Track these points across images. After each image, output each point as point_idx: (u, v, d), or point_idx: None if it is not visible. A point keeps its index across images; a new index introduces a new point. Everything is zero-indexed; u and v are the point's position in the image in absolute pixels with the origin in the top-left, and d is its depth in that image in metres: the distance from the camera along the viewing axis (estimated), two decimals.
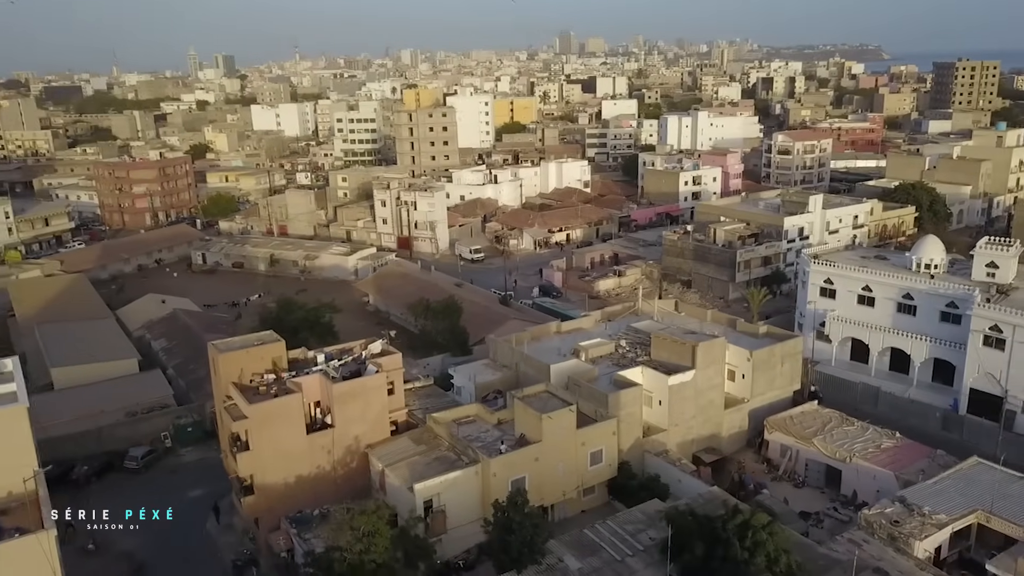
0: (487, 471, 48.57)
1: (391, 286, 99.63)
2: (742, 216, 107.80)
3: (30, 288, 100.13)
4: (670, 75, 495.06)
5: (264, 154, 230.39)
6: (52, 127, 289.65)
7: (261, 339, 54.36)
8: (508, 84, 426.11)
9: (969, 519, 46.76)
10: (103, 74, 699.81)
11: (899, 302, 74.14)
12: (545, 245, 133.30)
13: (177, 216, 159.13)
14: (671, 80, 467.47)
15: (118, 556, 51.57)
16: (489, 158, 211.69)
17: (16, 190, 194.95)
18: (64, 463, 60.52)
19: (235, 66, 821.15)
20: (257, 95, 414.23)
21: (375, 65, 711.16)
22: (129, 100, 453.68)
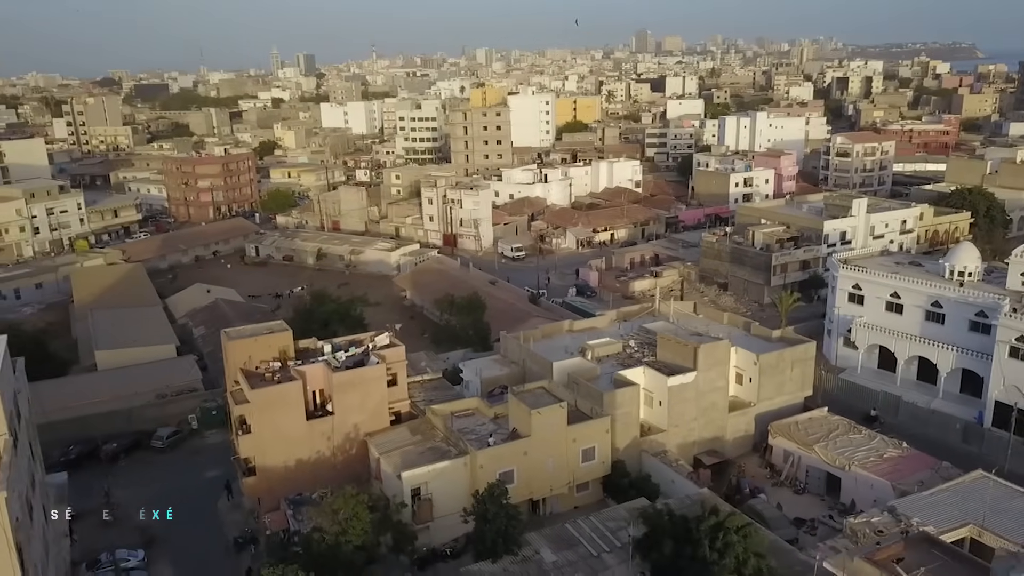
0: (475, 463, 49.86)
1: (426, 282, 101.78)
2: (782, 219, 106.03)
3: (90, 276, 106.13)
4: (742, 75, 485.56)
5: (328, 151, 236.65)
6: (135, 123, 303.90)
7: (270, 328, 56.90)
8: (575, 83, 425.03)
9: (960, 532, 45.55)
10: (191, 72, 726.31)
11: (928, 310, 72.17)
12: (588, 245, 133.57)
13: (239, 210, 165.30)
14: (743, 80, 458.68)
15: (133, 528, 54.77)
16: (547, 157, 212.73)
17: (96, 183, 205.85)
18: (95, 440, 64.53)
19: (315, 65, 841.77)
20: (329, 93, 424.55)
21: (447, 64, 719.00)
22: (210, 97, 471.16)
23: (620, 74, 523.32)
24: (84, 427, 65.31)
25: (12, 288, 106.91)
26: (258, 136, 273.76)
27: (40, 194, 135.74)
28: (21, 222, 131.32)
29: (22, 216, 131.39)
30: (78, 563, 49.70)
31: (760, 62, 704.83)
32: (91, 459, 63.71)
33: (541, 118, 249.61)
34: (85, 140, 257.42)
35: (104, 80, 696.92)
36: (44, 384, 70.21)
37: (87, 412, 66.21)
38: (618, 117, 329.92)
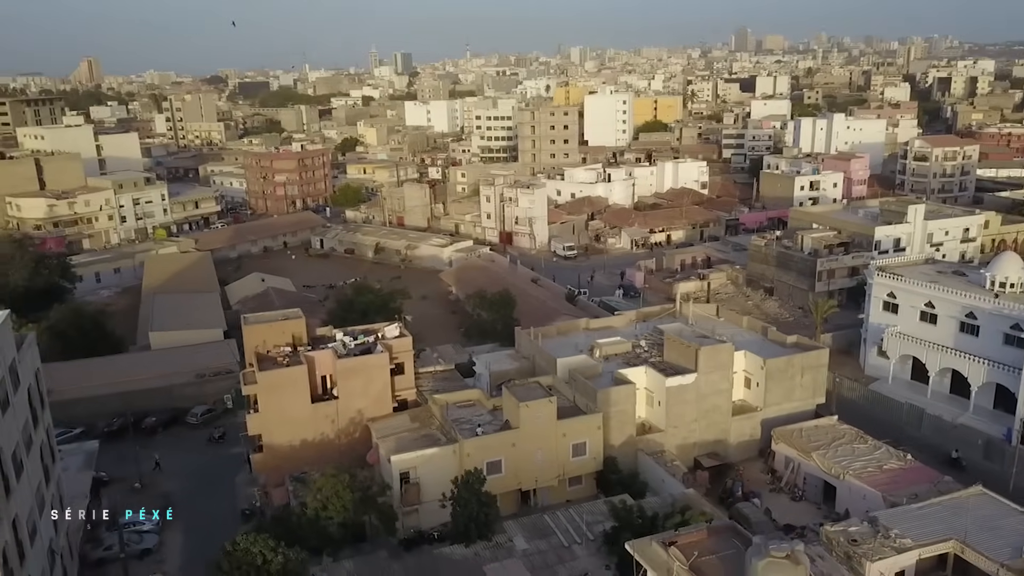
0: (462, 451, 51.76)
1: (469, 278, 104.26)
2: (834, 224, 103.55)
3: (161, 262, 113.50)
4: (839, 74, 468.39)
5: (407, 148, 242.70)
6: (231, 120, 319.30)
7: (286, 315, 60.36)
8: (661, 82, 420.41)
9: (942, 547, 44.58)
10: (295, 71, 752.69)
11: (962, 321, 69.70)
12: (642, 245, 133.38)
13: (312, 204, 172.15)
14: (838, 80, 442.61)
15: (157, 495, 59.25)
16: (621, 156, 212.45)
17: (189, 175, 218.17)
18: (138, 414, 69.73)
19: (412, 63, 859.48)
20: (417, 92, 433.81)
21: (536, 63, 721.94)
22: (307, 95, 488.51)
23: (710, 73, 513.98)
24: (129, 402, 70.42)
25: (93, 272, 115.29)
26: (343, 133, 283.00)
27: (128, 185, 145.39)
28: (109, 211, 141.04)
29: (110, 206, 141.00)
30: (100, 523, 54.21)
31: (863, 61, 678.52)
32: (132, 431, 68.79)
33: (617, 117, 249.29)
34: (182, 135, 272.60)
35: (212, 78, 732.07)
36: (97, 361, 76.64)
37: (133, 388, 71.48)
38: (701, 117, 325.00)
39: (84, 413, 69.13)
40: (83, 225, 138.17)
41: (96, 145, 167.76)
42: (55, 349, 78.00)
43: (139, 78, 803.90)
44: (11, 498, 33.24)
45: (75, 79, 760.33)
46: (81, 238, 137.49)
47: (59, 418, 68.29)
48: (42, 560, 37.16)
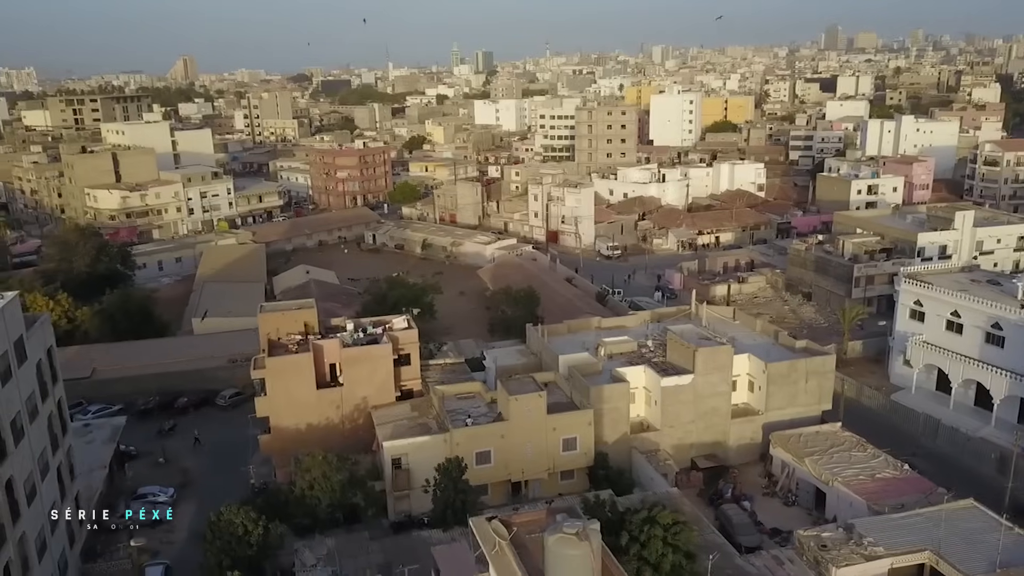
0: (452, 440, 53.66)
1: (504, 274, 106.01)
2: (878, 229, 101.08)
3: (217, 253, 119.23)
4: (927, 74, 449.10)
5: (471, 147, 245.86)
6: (309, 117, 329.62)
7: (300, 305, 63.44)
8: (737, 82, 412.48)
9: (918, 557, 44.13)
10: (379, 68, 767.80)
11: (988, 331, 67.64)
12: (689, 246, 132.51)
13: (372, 200, 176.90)
14: (925, 80, 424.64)
15: (178, 470, 63.27)
16: (686, 156, 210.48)
17: (262, 171, 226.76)
18: (172, 394, 74.27)
19: (492, 62, 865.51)
20: (491, 91, 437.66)
21: (613, 62, 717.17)
22: (385, 93, 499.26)
23: (791, 72, 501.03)
24: (165, 383, 75.27)
25: (156, 261, 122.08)
26: (413, 131, 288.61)
27: (196, 179, 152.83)
28: (178, 203, 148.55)
29: (179, 198, 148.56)
30: (121, 494, 58.41)
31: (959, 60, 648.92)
32: (166, 410, 73.41)
33: (684, 117, 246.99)
34: (258, 131, 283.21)
35: (298, 76, 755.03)
36: (139, 343, 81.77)
37: (169, 370, 76.17)
38: (775, 118, 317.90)
39: (124, 391, 73.98)
40: (153, 216, 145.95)
41: (172, 140, 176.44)
42: (105, 331, 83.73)
43: (231, 76, 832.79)
44: (6, 461, 36.83)
45: (171, 77, 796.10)
46: (151, 228, 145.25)
47: (101, 395, 74.07)
48: (40, 519, 40.81)
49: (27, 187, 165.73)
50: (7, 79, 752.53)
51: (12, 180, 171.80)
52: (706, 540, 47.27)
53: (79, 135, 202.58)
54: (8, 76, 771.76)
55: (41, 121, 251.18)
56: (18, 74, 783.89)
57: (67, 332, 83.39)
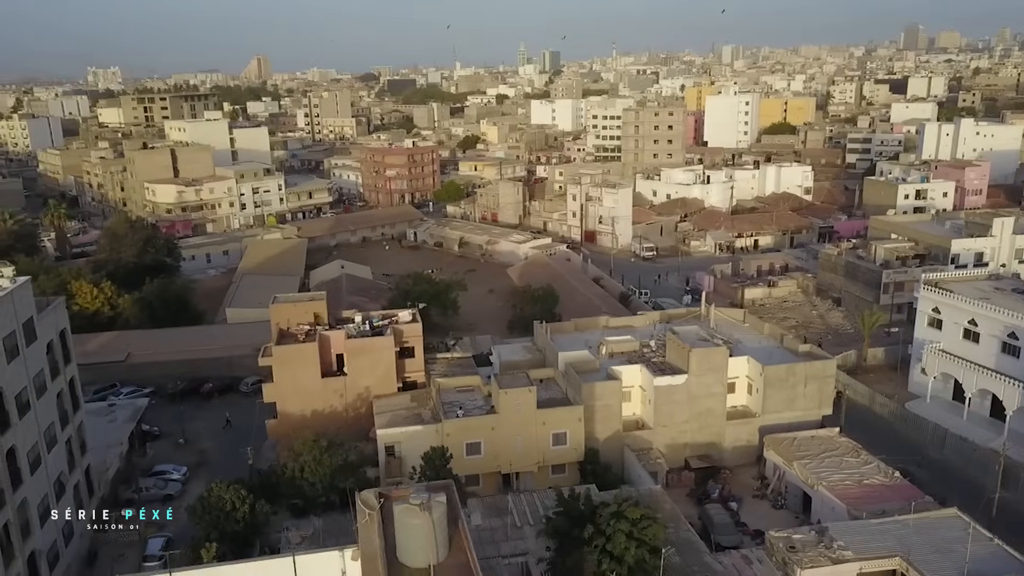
0: (443, 430, 55.48)
1: (531, 273, 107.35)
2: (913, 235, 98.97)
3: (261, 247, 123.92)
4: (1006, 75, 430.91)
5: (524, 147, 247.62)
6: (369, 116, 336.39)
7: (312, 297, 66.20)
8: (802, 83, 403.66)
9: (888, 563, 44.04)
10: (446, 68, 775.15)
11: (1004, 341, 66.08)
12: (727, 249, 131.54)
13: (420, 198, 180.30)
14: (1004, 81, 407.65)
15: (196, 451, 66.78)
16: (739, 158, 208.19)
17: (319, 168, 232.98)
18: (199, 379, 78.09)
19: (559, 62, 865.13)
20: (551, 91, 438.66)
21: (678, 62, 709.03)
22: (448, 93, 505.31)
23: (862, 73, 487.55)
24: (194, 369, 79.14)
25: (204, 253, 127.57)
26: (469, 130, 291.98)
27: (248, 175, 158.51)
28: (231, 198, 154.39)
29: (232, 193, 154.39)
30: (139, 470, 62.06)
31: None
32: (192, 394, 77.23)
33: (739, 119, 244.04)
34: (318, 130, 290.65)
35: (365, 75, 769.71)
36: (173, 331, 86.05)
37: (198, 356, 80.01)
38: (838, 120, 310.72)
39: (156, 375, 78.17)
40: (207, 210, 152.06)
41: (230, 138, 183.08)
42: (143, 319, 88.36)
43: (302, 75, 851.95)
44: (8, 432, 40.18)
45: (245, 76, 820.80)
46: (205, 222, 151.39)
47: (134, 378, 78.41)
48: (44, 487, 44.18)
49: (94, 181, 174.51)
50: (94, 78, 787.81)
51: (82, 174, 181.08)
52: (680, 537, 48.02)
53: (147, 132, 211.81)
54: (95, 75, 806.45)
55: (115, 118, 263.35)
56: (104, 73, 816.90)
57: (109, 318, 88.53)
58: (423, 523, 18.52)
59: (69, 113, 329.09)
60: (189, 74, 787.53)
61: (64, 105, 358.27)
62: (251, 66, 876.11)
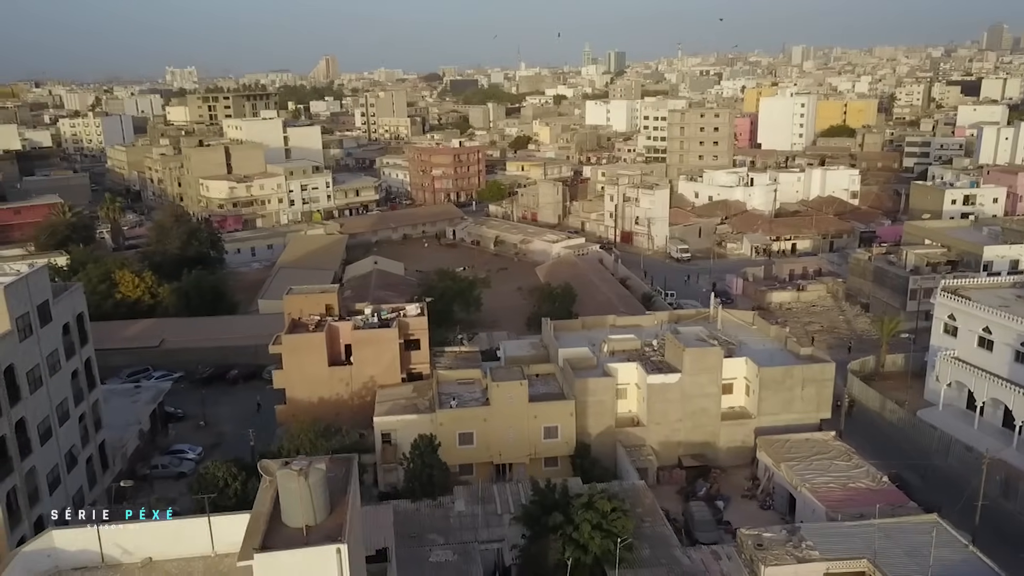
0: (436, 420, 57.49)
1: (558, 272, 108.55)
2: (947, 241, 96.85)
3: (301, 241, 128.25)
4: None
5: (574, 147, 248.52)
6: (423, 116, 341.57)
7: (324, 289, 68.98)
8: (867, 85, 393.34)
9: (854, 565, 44.19)
10: (511, 68, 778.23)
11: (1018, 350, 64.67)
12: (764, 252, 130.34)
13: (465, 197, 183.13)
14: None
15: (214, 432, 70.35)
16: (792, 161, 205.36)
17: (373, 166, 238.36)
18: (226, 366, 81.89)
19: (625, 62, 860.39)
20: (610, 91, 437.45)
21: (743, 63, 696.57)
22: (510, 93, 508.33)
23: (935, 74, 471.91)
24: (223, 356, 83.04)
25: (250, 247, 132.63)
26: (523, 130, 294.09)
27: (297, 173, 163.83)
28: (280, 195, 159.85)
29: (281, 190, 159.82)
30: (158, 448, 65.84)
31: None
32: (219, 379, 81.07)
33: (794, 121, 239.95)
34: (374, 129, 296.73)
35: (430, 76, 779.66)
36: (206, 319, 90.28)
37: (227, 344, 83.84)
38: (902, 122, 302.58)
39: (187, 361, 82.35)
40: (258, 206, 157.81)
41: (284, 136, 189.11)
42: (181, 307, 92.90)
43: (369, 75, 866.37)
44: (18, 404, 43.73)
45: (313, 76, 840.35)
46: (255, 217, 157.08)
47: (166, 363, 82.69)
48: (55, 458, 47.77)
49: (155, 176, 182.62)
50: (171, 77, 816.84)
51: (144, 170, 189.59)
52: (655, 532, 48.95)
53: (208, 130, 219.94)
54: (173, 75, 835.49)
55: (183, 117, 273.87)
56: (181, 72, 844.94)
57: (150, 306, 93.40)
58: (298, 487, 20.39)
59: (141, 111, 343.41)
60: (261, 74, 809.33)
61: (138, 103, 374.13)
62: (320, 66, 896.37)
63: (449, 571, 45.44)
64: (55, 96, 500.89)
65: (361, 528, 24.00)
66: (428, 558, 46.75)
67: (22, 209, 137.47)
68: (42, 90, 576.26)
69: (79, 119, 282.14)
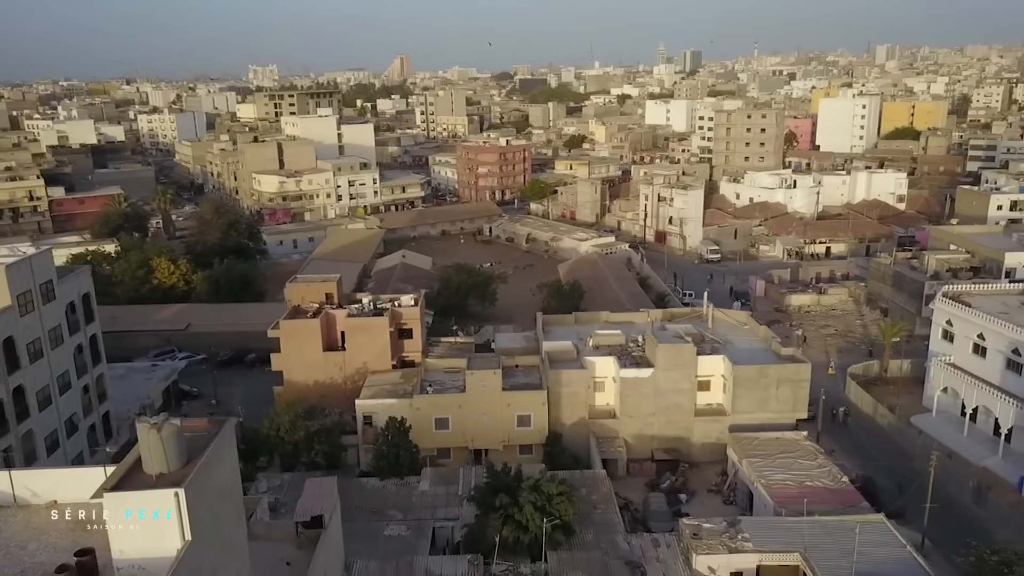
0: (414, 404, 60.38)
1: (578, 270, 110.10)
2: (972, 246, 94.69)
3: (340, 235, 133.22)
4: None
5: (628, 146, 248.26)
6: (481, 114, 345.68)
7: (326, 279, 72.72)
8: (943, 86, 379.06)
9: (786, 558, 45.13)
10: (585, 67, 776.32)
11: (1009, 357, 63.67)
12: (796, 255, 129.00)
13: (510, 196, 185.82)
14: None
15: (224, 411, 74.68)
16: (850, 163, 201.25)
17: (427, 164, 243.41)
18: (245, 350, 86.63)
19: (701, 61, 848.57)
20: (675, 91, 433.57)
21: (817, 63, 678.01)
22: (575, 92, 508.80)
23: (1021, 75, 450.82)
24: (243, 340, 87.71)
25: (292, 239, 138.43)
26: (581, 129, 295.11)
27: (345, 169, 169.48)
28: (328, 190, 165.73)
29: (329, 185, 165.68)
30: None
31: None
32: (238, 362, 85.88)
33: (855, 122, 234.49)
34: (432, 127, 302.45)
35: (501, 74, 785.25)
36: (231, 306, 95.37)
37: (248, 329, 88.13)
38: (977, 124, 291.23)
39: (210, 344, 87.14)
40: (306, 200, 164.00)
41: (338, 133, 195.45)
42: (211, 294, 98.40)
43: (443, 74, 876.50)
44: (16, 373, 48.49)
45: (388, 75, 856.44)
46: (304, 211, 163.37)
47: (191, 345, 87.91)
48: (54, 423, 52.53)
49: (214, 170, 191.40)
50: (253, 75, 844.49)
51: (205, 164, 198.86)
52: (605, 518, 50.75)
53: (271, 127, 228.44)
54: (255, 73, 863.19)
55: (250, 114, 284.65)
56: (263, 71, 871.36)
57: (184, 292, 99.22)
58: (151, 438, 23.34)
59: (216, 108, 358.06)
60: (338, 72, 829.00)
61: (215, 100, 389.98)
62: (394, 65, 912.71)
63: (399, 544, 48.19)
64: (142, 93, 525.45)
65: (229, 483, 26.85)
66: (383, 532, 49.66)
67: (86, 199, 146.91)
68: (131, 87, 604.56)
69: (155, 115, 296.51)
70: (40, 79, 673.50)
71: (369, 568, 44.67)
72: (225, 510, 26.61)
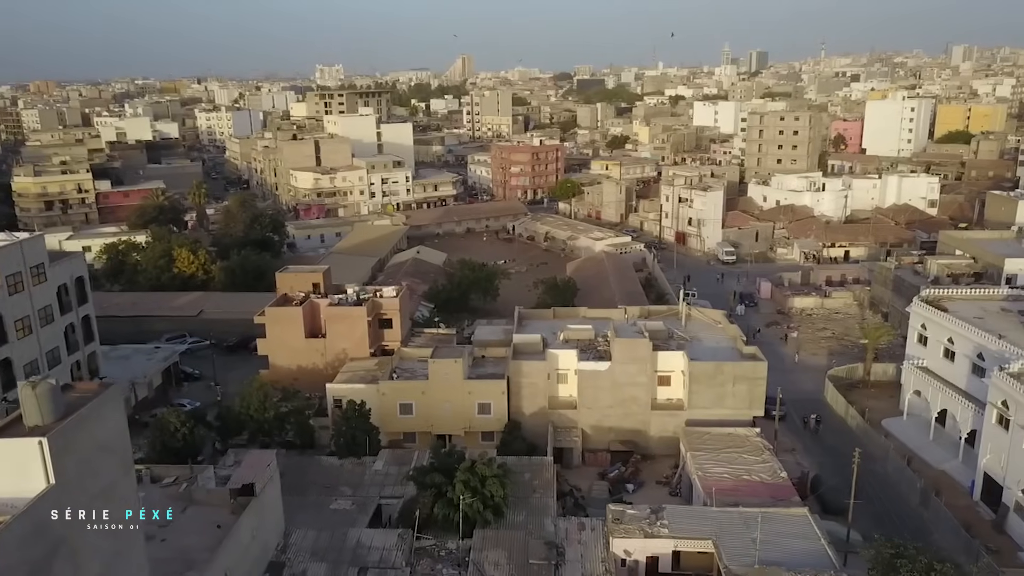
0: (380, 390, 63.54)
1: (584, 268, 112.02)
2: (977, 252, 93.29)
3: (363, 230, 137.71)
4: None
5: (670, 147, 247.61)
6: (527, 114, 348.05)
7: (313, 269, 76.53)
8: (1010, 89, 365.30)
9: (699, 545, 46.68)
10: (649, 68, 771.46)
11: (974, 362, 63.46)
12: (814, 258, 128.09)
13: (541, 195, 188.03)
14: None
15: (221, 392, 79.31)
16: (894, 167, 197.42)
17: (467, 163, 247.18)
18: (249, 336, 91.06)
19: (767, 62, 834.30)
20: (728, 92, 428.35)
21: (879, 64, 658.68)
22: (631, 92, 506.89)
23: None
24: (250, 327, 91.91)
25: (319, 234, 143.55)
26: (625, 130, 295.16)
27: (379, 167, 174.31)
28: (361, 187, 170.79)
29: (363, 182, 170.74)
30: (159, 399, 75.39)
31: None
32: (242, 348, 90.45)
33: (903, 125, 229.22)
34: (477, 127, 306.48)
35: (560, 75, 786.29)
36: (241, 295, 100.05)
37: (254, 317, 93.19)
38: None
39: (218, 330, 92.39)
40: (340, 197, 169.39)
41: (377, 132, 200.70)
42: (227, 284, 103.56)
43: (505, 74, 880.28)
44: (4, 346, 53.31)
45: (450, 74, 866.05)
46: (338, 207, 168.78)
47: (201, 331, 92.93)
48: None
49: (258, 167, 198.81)
50: (319, 75, 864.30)
51: (251, 161, 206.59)
52: (541, 503, 52.87)
53: (318, 125, 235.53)
54: (321, 72, 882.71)
55: (302, 112, 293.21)
56: (329, 70, 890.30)
57: (203, 281, 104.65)
58: (27, 394, 26.95)
59: (274, 107, 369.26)
60: (401, 72, 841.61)
61: (274, 99, 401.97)
62: (456, 65, 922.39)
63: (341, 517, 51.30)
64: (209, 91, 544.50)
65: (112, 440, 30.21)
66: (329, 505, 52.89)
67: (131, 193, 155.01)
68: (200, 86, 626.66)
69: (213, 113, 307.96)
70: (119, 78, 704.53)
71: (307, 536, 48.01)
72: (107, 464, 29.97)
